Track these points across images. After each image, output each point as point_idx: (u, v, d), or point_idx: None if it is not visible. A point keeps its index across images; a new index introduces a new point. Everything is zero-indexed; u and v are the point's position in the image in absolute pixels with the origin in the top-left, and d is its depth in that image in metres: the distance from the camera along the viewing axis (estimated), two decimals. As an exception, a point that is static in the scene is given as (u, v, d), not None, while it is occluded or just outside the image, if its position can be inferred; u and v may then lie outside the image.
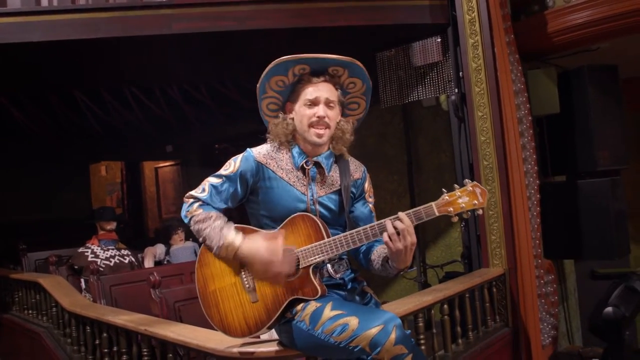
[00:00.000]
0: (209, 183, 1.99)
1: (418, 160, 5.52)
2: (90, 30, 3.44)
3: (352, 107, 2.13)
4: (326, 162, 2.06)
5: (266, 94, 2.06)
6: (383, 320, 1.71)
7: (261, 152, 2.04)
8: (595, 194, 3.88)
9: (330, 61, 2.00)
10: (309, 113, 1.99)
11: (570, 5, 3.88)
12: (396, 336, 1.68)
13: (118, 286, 3.95)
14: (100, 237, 4.80)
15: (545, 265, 3.80)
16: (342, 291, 2.02)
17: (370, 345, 1.69)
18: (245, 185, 2.00)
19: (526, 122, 3.80)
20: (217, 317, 1.97)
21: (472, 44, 3.68)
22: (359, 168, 2.17)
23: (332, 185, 2.07)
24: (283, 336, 2.03)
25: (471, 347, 3.17)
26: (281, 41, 3.78)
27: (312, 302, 1.89)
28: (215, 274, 1.98)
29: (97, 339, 3.17)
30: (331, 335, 1.77)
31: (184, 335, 2.40)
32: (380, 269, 1.98)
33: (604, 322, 3.56)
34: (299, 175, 2.03)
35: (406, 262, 1.86)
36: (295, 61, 1.98)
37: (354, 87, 2.08)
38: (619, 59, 4.31)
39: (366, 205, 2.15)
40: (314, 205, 2.02)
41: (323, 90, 1.99)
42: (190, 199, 1.98)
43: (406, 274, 5.39)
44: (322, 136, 1.98)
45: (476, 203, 1.87)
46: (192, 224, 1.96)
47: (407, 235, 1.80)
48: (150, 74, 4.79)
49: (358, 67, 2.03)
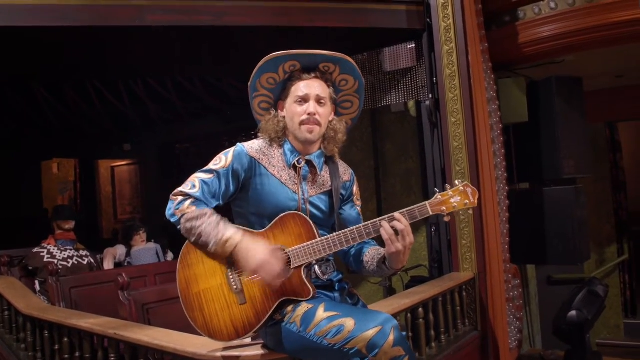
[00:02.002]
0: (199, 179, 1.90)
1: (385, 166, 5.55)
2: (56, 17, 3.26)
3: (346, 105, 2.10)
4: (318, 161, 2.02)
5: (257, 92, 2.01)
6: (380, 322, 1.69)
7: (253, 147, 1.98)
8: (560, 201, 4.00)
9: (320, 57, 1.97)
10: (299, 110, 1.95)
11: (540, 17, 3.99)
12: (394, 337, 1.66)
13: (78, 288, 3.76)
14: (58, 236, 4.57)
15: (512, 270, 3.88)
16: (332, 292, 1.99)
17: (367, 347, 1.65)
18: (237, 181, 1.93)
19: (497, 130, 3.88)
20: (201, 320, 1.88)
21: (447, 51, 3.72)
22: (348, 171, 2.15)
23: (323, 186, 2.04)
24: (269, 339, 1.97)
25: (444, 351, 3.19)
26: (258, 39, 3.72)
27: (303, 304, 1.85)
28: (200, 275, 1.90)
29: (57, 344, 3.00)
30: (324, 337, 1.72)
31: (161, 340, 2.28)
32: (375, 270, 1.95)
33: (568, 325, 3.66)
34: (291, 174, 1.99)
35: (403, 262, 1.85)
36: (285, 57, 1.94)
37: (346, 84, 2.05)
38: (582, 72, 4.48)
39: (354, 208, 2.14)
40: (305, 205, 1.98)
41: (313, 86, 1.96)
42: (180, 196, 1.88)
43: (371, 279, 5.41)
44: (313, 131, 1.94)
45: (467, 202, 1.88)
46: (182, 222, 1.85)
47: (407, 236, 1.79)
48: (116, 67, 4.60)
49: (349, 63, 2.01)
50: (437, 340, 3.20)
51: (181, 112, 6.36)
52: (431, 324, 3.12)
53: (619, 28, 3.68)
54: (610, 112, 5.81)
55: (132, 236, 5.03)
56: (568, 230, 3.96)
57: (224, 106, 5.58)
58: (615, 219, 6.06)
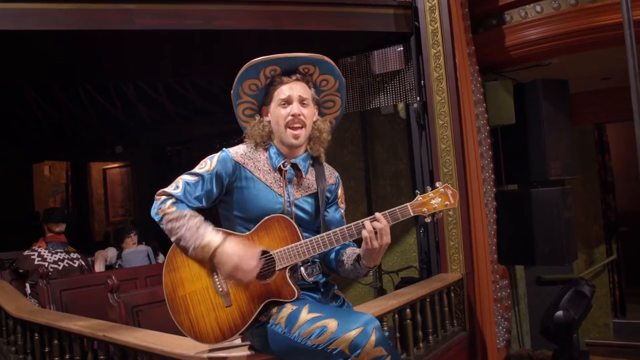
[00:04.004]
0: (183, 180, 1.93)
1: (375, 167, 5.58)
2: (46, 21, 3.27)
3: (328, 105, 2.14)
4: (303, 164, 2.05)
5: (241, 99, 2.04)
6: (362, 322, 1.72)
7: (238, 152, 2.00)
8: (547, 202, 4.05)
9: (299, 59, 2.01)
10: (283, 113, 1.98)
11: (526, 21, 4.04)
12: (376, 338, 1.69)
13: (69, 291, 3.77)
14: (49, 239, 4.57)
15: (500, 270, 3.92)
16: (316, 294, 2.02)
17: (350, 347, 1.68)
18: (220, 185, 1.96)
19: (484, 132, 3.92)
20: (188, 323, 1.90)
21: (434, 54, 3.77)
22: (333, 174, 2.18)
23: (308, 188, 2.07)
24: (255, 340, 1.99)
25: (431, 351, 3.22)
26: (247, 43, 3.75)
27: (287, 305, 1.87)
28: (186, 278, 1.92)
29: (47, 346, 3.01)
30: (308, 338, 1.75)
31: (148, 341, 2.30)
32: (351, 269, 1.99)
33: (555, 325, 3.71)
34: (276, 177, 2.01)
35: (377, 260, 1.91)
36: (265, 62, 1.97)
37: (326, 84, 2.09)
38: (567, 74, 4.53)
39: (338, 210, 2.17)
40: (290, 207, 2.00)
41: (295, 88, 1.99)
42: (163, 195, 1.91)
43: (362, 280, 5.44)
44: (298, 137, 1.98)
45: (448, 203, 1.92)
46: (163, 222, 1.88)
47: (384, 235, 1.83)
48: (107, 70, 4.61)
49: (328, 63, 2.04)
50: (425, 341, 3.23)
51: (172, 115, 6.37)
52: (419, 325, 3.16)
53: (603, 31, 3.73)
54: (598, 113, 5.87)
55: (123, 238, 5.03)
56: (555, 231, 4.00)
57: (215, 109, 5.59)
58: (604, 219, 6.11)
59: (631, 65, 2.29)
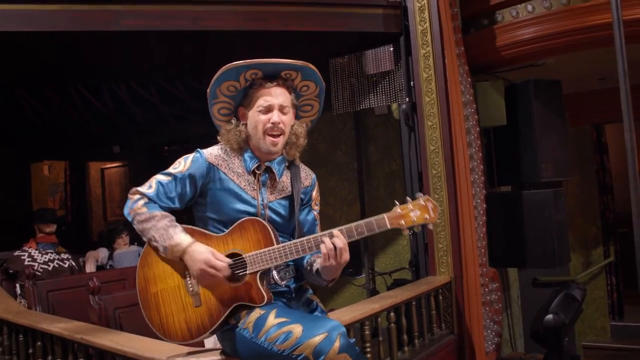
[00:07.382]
0: (157, 180, 1.93)
1: (369, 168, 5.55)
2: (32, 22, 3.27)
3: (306, 109, 2.11)
4: (278, 167, 2.03)
5: (217, 99, 2.01)
6: (327, 329, 1.69)
7: (213, 153, 1.99)
8: (539, 204, 4.00)
9: (282, 66, 1.97)
10: (263, 119, 1.95)
11: (518, 20, 4.00)
12: (340, 344, 1.66)
13: (56, 292, 3.76)
14: (39, 240, 4.58)
15: (490, 273, 3.88)
16: (287, 299, 1.99)
17: (314, 353, 1.66)
18: (194, 186, 1.94)
19: (474, 133, 3.88)
20: (157, 320, 1.90)
21: (424, 55, 3.73)
22: (310, 175, 2.15)
23: (283, 191, 2.05)
24: (226, 344, 1.98)
25: (417, 355, 3.19)
26: (235, 43, 3.72)
27: (256, 309, 1.86)
28: (158, 276, 1.92)
29: (31, 347, 3.00)
30: (274, 343, 1.73)
31: (123, 344, 2.29)
32: (314, 277, 1.97)
33: (545, 329, 3.66)
34: (250, 179, 1.99)
35: (335, 275, 1.88)
36: (246, 66, 1.93)
37: (307, 90, 2.06)
38: (562, 74, 4.48)
39: (311, 213, 2.14)
40: (264, 210, 1.98)
41: (276, 95, 1.95)
42: (136, 194, 1.91)
43: (355, 281, 5.41)
44: (277, 144, 1.96)
45: (427, 217, 1.89)
46: (135, 222, 1.88)
47: (344, 253, 1.80)
48: (97, 71, 4.61)
49: (311, 69, 2.01)
50: (410, 344, 3.20)
51: (166, 115, 6.36)
52: (404, 328, 3.12)
53: (595, 31, 3.69)
54: (596, 114, 5.82)
55: (114, 239, 5.03)
56: (547, 234, 3.96)
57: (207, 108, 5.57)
58: (602, 220, 6.06)
59: (620, 66, 2.26)
